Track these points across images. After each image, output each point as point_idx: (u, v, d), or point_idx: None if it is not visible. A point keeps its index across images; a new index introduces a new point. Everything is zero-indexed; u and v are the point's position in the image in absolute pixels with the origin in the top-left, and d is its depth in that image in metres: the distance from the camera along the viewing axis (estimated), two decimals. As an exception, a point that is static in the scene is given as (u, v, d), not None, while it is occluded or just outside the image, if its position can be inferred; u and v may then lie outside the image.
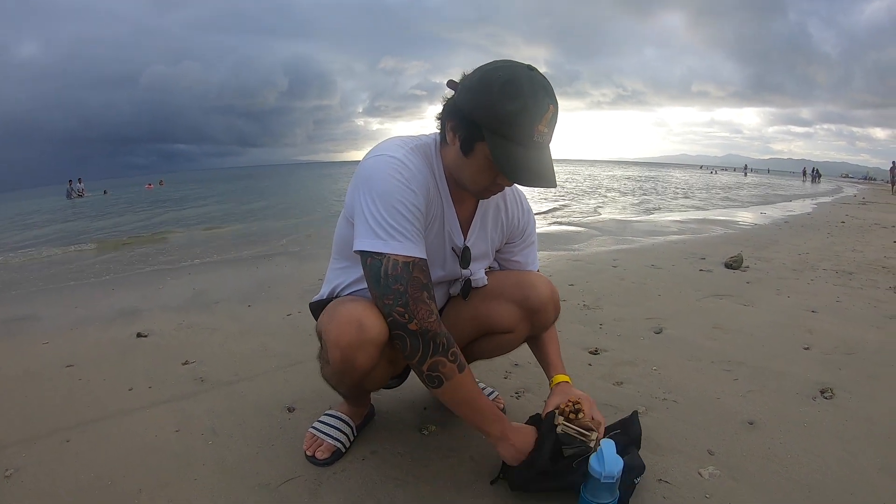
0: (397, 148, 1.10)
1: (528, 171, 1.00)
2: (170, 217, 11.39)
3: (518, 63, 1.00)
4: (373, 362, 1.14)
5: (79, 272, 4.80)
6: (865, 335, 2.40)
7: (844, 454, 1.43)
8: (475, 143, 1.03)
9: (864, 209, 10.35)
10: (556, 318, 1.41)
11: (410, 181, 1.06)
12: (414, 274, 1.04)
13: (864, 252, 4.70)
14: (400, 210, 1.04)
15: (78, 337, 2.46)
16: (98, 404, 1.72)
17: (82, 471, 1.34)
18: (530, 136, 0.98)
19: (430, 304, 1.06)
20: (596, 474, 1.04)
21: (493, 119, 0.98)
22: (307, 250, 5.54)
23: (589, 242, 5.54)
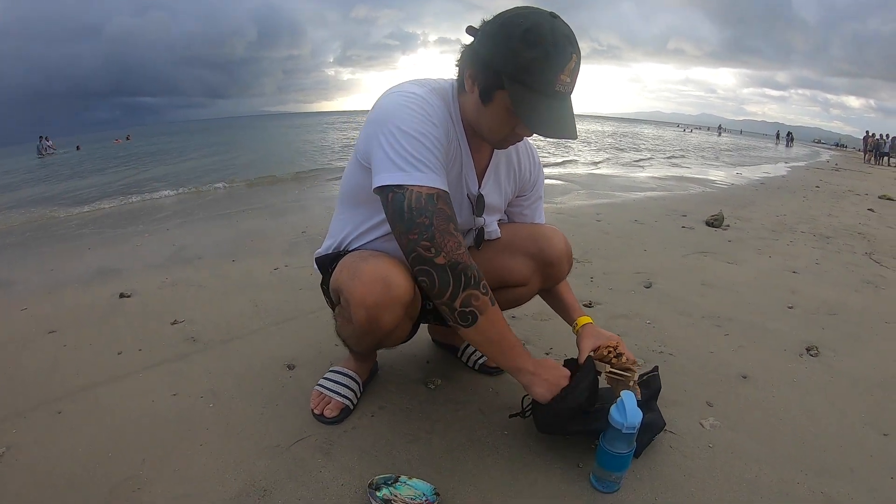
0: (416, 86, 1.06)
1: (550, 122, 0.97)
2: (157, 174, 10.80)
3: (541, 10, 0.96)
4: (398, 322, 1.12)
5: (49, 233, 4.57)
6: (846, 298, 2.47)
7: (832, 409, 1.49)
8: (495, 91, 0.99)
9: (837, 175, 10.48)
10: (569, 272, 1.40)
11: (432, 115, 1.02)
12: (439, 206, 0.99)
13: (839, 217, 4.78)
14: (421, 141, 0.99)
15: (57, 300, 2.35)
16: (87, 371, 1.64)
17: (79, 444, 1.27)
18: (552, 85, 0.95)
19: (458, 236, 1.01)
20: (617, 425, 1.04)
21: (515, 67, 0.94)
22: (286, 203, 5.40)
23: (570, 196, 5.52)
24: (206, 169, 9.87)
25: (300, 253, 3.03)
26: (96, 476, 1.16)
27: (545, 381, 1.13)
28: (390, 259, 1.11)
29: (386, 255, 1.13)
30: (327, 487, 1.12)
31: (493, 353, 1.11)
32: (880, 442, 1.35)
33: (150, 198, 6.53)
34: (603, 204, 4.98)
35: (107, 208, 5.86)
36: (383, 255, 1.13)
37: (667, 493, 1.14)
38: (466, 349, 1.64)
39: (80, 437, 1.30)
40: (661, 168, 10.27)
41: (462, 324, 1.03)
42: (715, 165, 11.74)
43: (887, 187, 8.16)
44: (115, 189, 7.87)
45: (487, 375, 1.59)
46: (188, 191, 6.88)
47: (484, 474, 1.18)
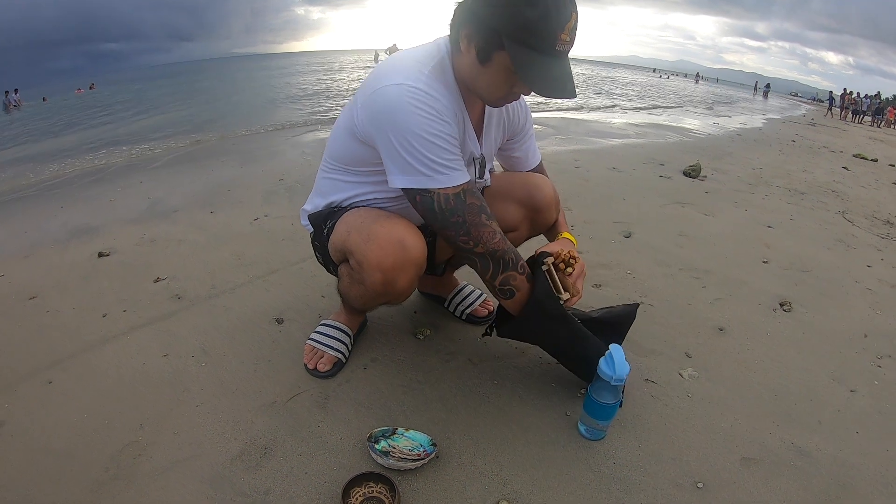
0: (417, 75, 1.01)
1: (551, 81, 0.96)
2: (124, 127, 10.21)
3: None
4: (412, 283, 1.15)
5: (20, 193, 4.32)
6: (818, 255, 2.55)
7: (803, 363, 1.58)
8: (493, 52, 0.98)
9: (812, 130, 10.53)
10: (556, 219, 1.45)
11: (442, 112, 1.01)
12: (468, 201, 1.04)
13: (814, 174, 4.85)
14: (437, 143, 1.00)
15: (34, 264, 2.26)
16: (73, 336, 1.59)
17: (74, 413, 1.25)
18: (553, 44, 0.94)
19: (491, 225, 1.07)
20: (606, 377, 1.09)
21: (515, 26, 0.92)
22: (259, 150, 5.23)
23: (548, 140, 5.47)
24: (173, 122, 9.43)
25: (279, 202, 2.96)
26: (95, 445, 1.15)
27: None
28: (402, 220, 1.13)
29: (396, 216, 1.14)
30: (326, 442, 1.15)
31: (521, 314, 1.18)
32: (847, 397, 1.43)
33: (118, 151, 6.27)
34: (581, 150, 4.96)
35: (76, 165, 5.59)
36: (393, 217, 1.14)
37: (649, 441, 1.20)
38: (453, 299, 1.66)
39: (74, 406, 1.27)
40: (637, 115, 10.22)
41: (501, 296, 1.15)
42: (693, 113, 11.71)
43: (861, 146, 8.30)
44: (82, 144, 7.50)
45: (475, 325, 1.63)
46: (158, 144, 6.60)
47: (477, 423, 1.23)
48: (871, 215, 3.52)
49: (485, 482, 1.07)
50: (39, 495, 1.02)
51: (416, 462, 1.07)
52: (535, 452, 1.15)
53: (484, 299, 1.67)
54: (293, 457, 1.11)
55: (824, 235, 2.89)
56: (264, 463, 1.10)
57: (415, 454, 1.09)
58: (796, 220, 3.13)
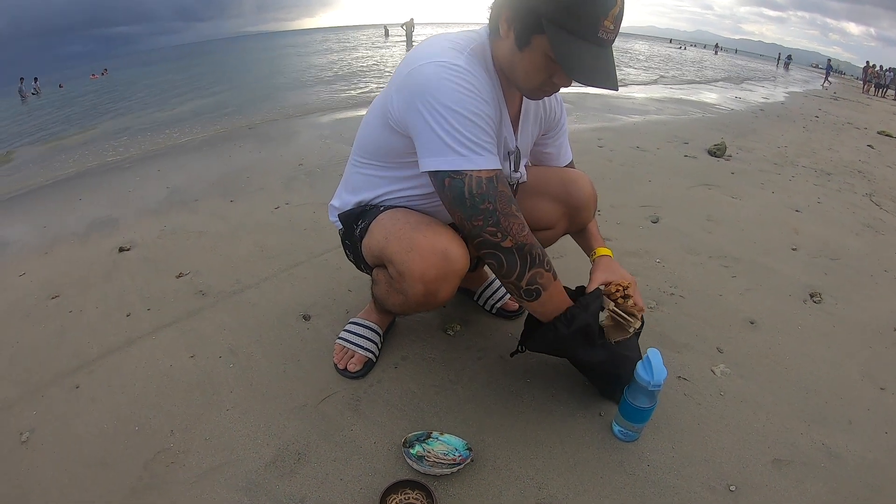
0: (456, 54, 0.97)
1: (592, 69, 0.90)
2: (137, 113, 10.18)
3: None
4: (453, 293, 1.12)
5: (37, 185, 4.30)
6: (847, 241, 2.49)
7: (834, 358, 1.55)
8: (532, 35, 0.93)
9: (835, 105, 10.24)
10: (595, 214, 1.41)
11: (481, 90, 0.96)
12: (500, 188, 0.97)
13: (839, 152, 4.73)
14: (475, 121, 0.95)
15: (55, 261, 2.24)
16: (98, 338, 1.58)
17: (104, 419, 1.24)
18: (595, 30, 0.88)
19: (520, 216, 1.00)
20: (644, 382, 1.07)
21: (556, 9, 0.87)
22: (276, 132, 5.17)
23: (569, 118, 5.37)
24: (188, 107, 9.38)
25: (300, 189, 2.93)
26: (127, 452, 1.15)
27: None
28: (444, 229, 1.09)
29: (437, 224, 1.10)
30: (360, 446, 1.15)
31: (546, 317, 1.12)
32: (877, 395, 1.41)
33: (134, 138, 6.27)
34: (603, 128, 4.86)
35: (94, 153, 5.59)
36: (434, 224, 1.10)
37: (683, 442, 1.19)
38: (483, 292, 1.64)
39: (103, 412, 1.27)
40: (657, 89, 9.98)
41: (527, 299, 1.07)
42: (715, 87, 11.39)
43: (886, 122, 8.07)
44: (100, 132, 7.51)
45: (505, 319, 1.61)
46: (173, 130, 6.59)
47: (511, 424, 1.22)
48: (899, 197, 3.42)
49: (521, 486, 1.07)
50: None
51: (453, 468, 1.06)
52: (569, 455, 1.14)
53: (509, 297, 1.64)
54: (328, 462, 1.11)
55: (852, 220, 2.82)
56: (299, 469, 1.10)
57: (450, 459, 1.08)
58: (824, 203, 3.06)
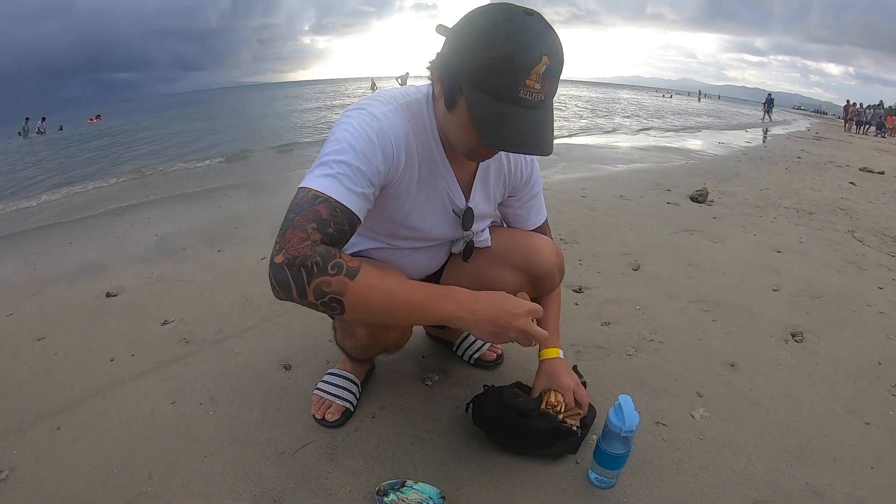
0: (377, 103, 0.99)
1: (511, 134, 0.85)
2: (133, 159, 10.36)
3: (515, 7, 0.85)
4: (401, 334, 1.14)
5: (29, 225, 4.40)
6: (829, 279, 2.53)
7: (816, 396, 1.56)
8: (456, 97, 0.90)
9: (817, 145, 10.54)
10: (561, 281, 1.38)
11: (374, 133, 0.94)
12: (317, 206, 0.88)
13: (821, 191, 4.85)
14: (345, 149, 0.92)
15: (43, 303, 2.28)
16: (82, 381, 1.60)
17: (83, 461, 1.26)
18: (515, 91, 0.83)
19: (312, 234, 0.86)
20: (616, 429, 1.07)
21: (473, 69, 0.84)
22: (265, 179, 5.28)
23: (553, 169, 5.46)
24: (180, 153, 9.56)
25: (286, 239, 2.98)
26: (105, 494, 1.15)
27: (484, 319, 0.95)
28: (389, 271, 1.09)
29: (385, 267, 1.12)
30: (335, 494, 1.15)
31: (399, 319, 0.95)
32: (862, 430, 1.41)
33: (125, 183, 6.36)
34: (586, 178, 4.95)
35: (85, 196, 5.68)
36: (382, 267, 1.10)
37: (661, 487, 1.19)
38: (462, 344, 1.66)
39: (83, 454, 1.28)
40: (641, 137, 10.22)
41: (334, 314, 0.93)
42: (697, 134, 11.73)
43: (867, 158, 8.29)
44: (93, 174, 7.63)
45: (483, 369, 1.62)
46: (165, 177, 6.68)
47: (486, 473, 1.21)
48: (881, 232, 3.51)
49: (496, 535, 1.06)
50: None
51: (426, 517, 1.05)
52: (545, 502, 1.14)
53: (492, 344, 1.66)
54: (303, 510, 1.11)
55: (834, 257, 2.87)
56: (274, 517, 1.09)
57: (424, 508, 1.07)
58: (805, 243, 3.11)
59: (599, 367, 1.65)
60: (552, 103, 0.90)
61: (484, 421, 1.26)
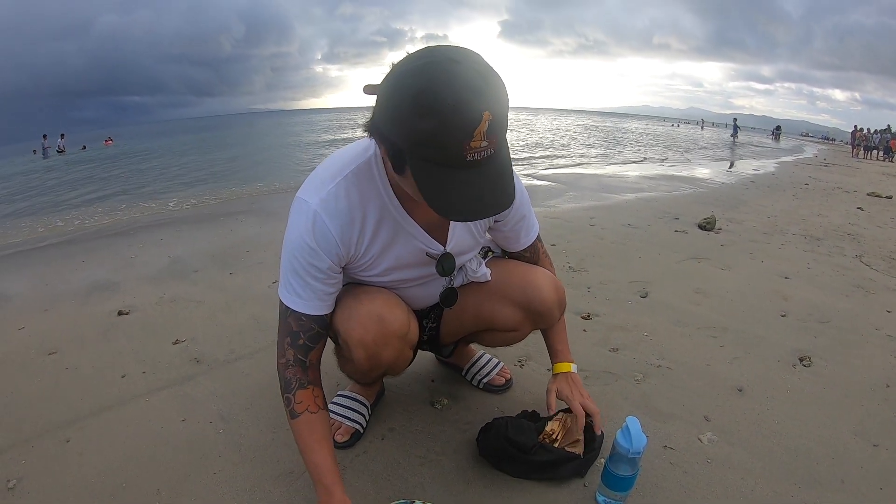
0: (320, 187, 1.01)
1: (457, 201, 0.80)
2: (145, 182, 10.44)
3: (438, 58, 0.76)
4: (397, 354, 1.16)
5: (45, 244, 4.46)
6: (836, 303, 2.53)
7: (824, 419, 1.55)
8: (403, 164, 0.83)
9: (825, 171, 10.55)
10: (562, 315, 1.38)
11: (314, 238, 1.00)
12: (287, 319, 1.07)
13: (829, 217, 4.85)
14: (294, 266, 1.03)
15: (55, 318, 2.32)
16: (92, 395, 1.63)
17: (91, 473, 1.28)
18: (461, 156, 0.76)
19: (287, 351, 1.08)
20: (623, 450, 1.08)
21: (414, 141, 0.77)
22: (278, 206, 5.34)
23: (562, 198, 5.49)
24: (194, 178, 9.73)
25: (296, 262, 3.02)
26: None
27: None
28: (383, 295, 1.14)
29: (378, 292, 1.15)
30: (344, 515, 1.15)
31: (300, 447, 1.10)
32: (870, 452, 1.40)
33: (139, 206, 6.48)
34: (595, 207, 4.98)
35: (100, 217, 5.80)
36: (376, 292, 1.15)
37: (669, 510, 1.18)
38: (471, 369, 1.67)
39: (91, 467, 1.30)
40: (650, 166, 10.28)
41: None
42: (706, 163, 11.79)
43: (875, 183, 8.28)
44: (108, 196, 7.79)
45: (492, 394, 1.63)
46: (178, 201, 6.80)
47: (494, 495, 1.21)
48: (889, 256, 3.50)
49: (503, 558, 1.06)
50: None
51: (434, 538, 1.06)
52: (553, 526, 1.14)
53: (501, 368, 1.68)
54: (311, 530, 1.11)
55: (842, 282, 2.87)
56: (281, 537, 1.10)
57: (432, 529, 1.08)
58: (813, 269, 3.10)
59: (607, 392, 1.65)
60: (505, 146, 0.84)
61: (488, 452, 1.28)
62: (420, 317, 1.33)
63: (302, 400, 1.07)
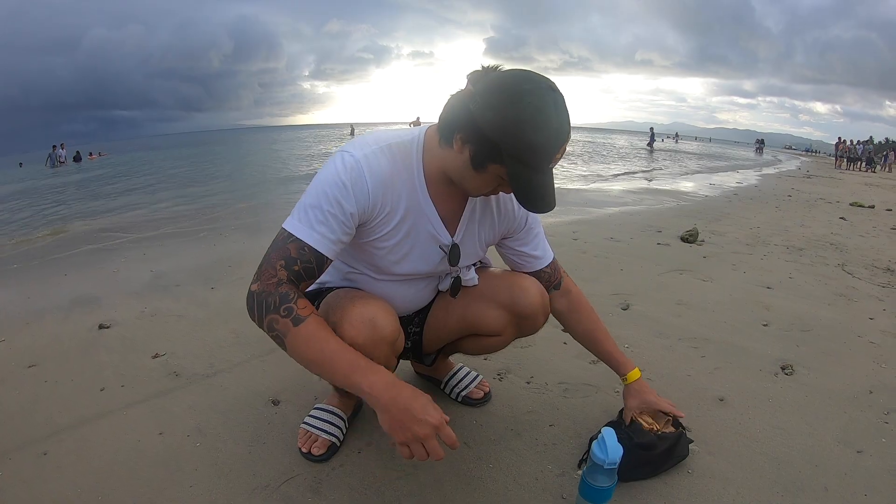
0: (363, 146, 1.07)
1: (543, 198, 1.00)
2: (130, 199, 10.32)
3: (542, 82, 0.95)
4: (385, 360, 1.15)
5: (26, 256, 4.43)
6: (819, 312, 2.55)
7: (807, 428, 1.55)
8: (489, 162, 0.98)
9: (808, 183, 10.72)
10: (545, 323, 1.39)
11: (349, 178, 1.03)
12: (287, 245, 1.03)
13: (811, 227, 4.92)
14: (319, 197, 1.03)
15: (36, 332, 2.30)
16: (71, 409, 1.62)
17: (67, 486, 1.26)
18: (547, 164, 0.97)
19: (279, 272, 1.02)
20: (599, 461, 1.08)
21: (517, 146, 0.94)
22: (263, 222, 5.34)
23: (546, 213, 5.54)
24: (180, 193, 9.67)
25: (279, 279, 3.01)
26: None
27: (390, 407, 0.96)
28: (375, 300, 1.15)
29: (371, 297, 1.17)
30: (318, 529, 1.14)
31: (324, 374, 1.05)
32: (854, 459, 1.41)
33: (124, 219, 6.42)
34: (578, 221, 5.00)
35: (82, 230, 5.73)
36: (368, 297, 1.16)
37: (648, 522, 1.18)
38: (449, 381, 1.66)
39: (68, 480, 1.28)
40: (634, 181, 10.35)
41: (279, 345, 1.03)
42: (689, 176, 11.93)
43: (858, 194, 8.41)
44: (92, 210, 7.71)
45: (470, 407, 1.62)
46: (164, 215, 6.74)
47: (471, 509, 1.20)
48: (871, 264, 3.55)
49: (479, 572, 1.05)
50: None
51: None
52: (531, 539, 1.13)
53: (480, 381, 1.67)
54: (284, 544, 1.10)
55: (824, 291, 2.90)
56: (256, 552, 1.08)
57: (408, 543, 1.06)
58: (795, 278, 3.14)
59: (587, 404, 1.65)
60: None
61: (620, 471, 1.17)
62: (404, 323, 1.33)
63: (305, 305, 1.01)
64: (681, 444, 1.35)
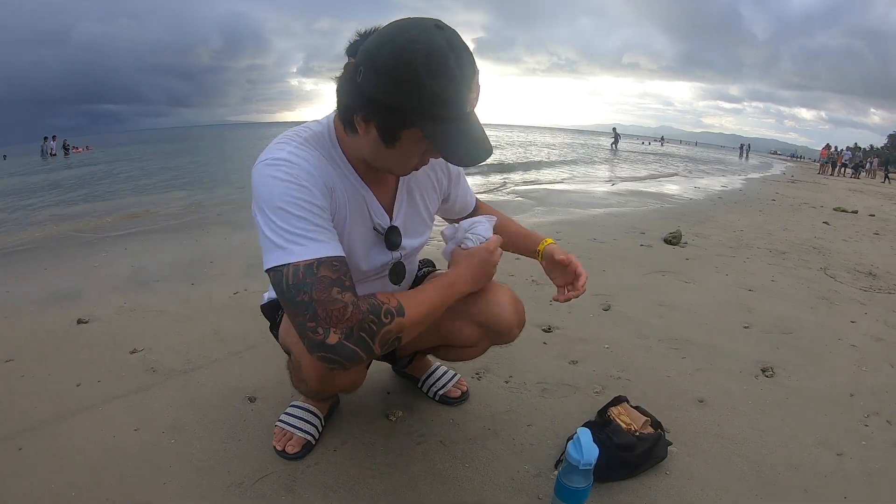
0: (281, 147, 0.97)
1: (469, 148, 0.89)
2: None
3: (425, 23, 0.85)
4: (352, 379, 1.14)
5: (1, 247, 4.36)
6: (800, 315, 2.58)
7: (787, 430, 1.57)
8: (401, 130, 0.89)
9: (793, 187, 10.82)
10: (521, 331, 1.36)
11: (299, 177, 0.93)
12: (319, 274, 0.89)
13: (795, 231, 4.97)
14: (293, 211, 0.91)
15: (14, 326, 2.27)
16: (47, 404, 1.59)
17: (41, 483, 1.24)
18: (463, 108, 0.87)
19: (344, 297, 0.90)
20: (574, 461, 1.07)
21: (423, 102, 0.84)
22: (242, 218, 5.27)
23: (528, 213, 5.50)
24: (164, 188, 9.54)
25: (259, 275, 2.93)
26: None
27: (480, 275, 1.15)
28: None
29: (394, 291, 1.15)
30: (290, 527, 1.13)
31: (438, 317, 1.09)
32: (833, 461, 1.42)
33: (105, 214, 6.31)
34: (562, 221, 5.00)
35: (64, 225, 5.64)
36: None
37: (625, 523, 1.18)
38: (427, 380, 1.65)
39: (43, 476, 1.27)
40: (619, 183, 10.39)
41: (393, 350, 1.01)
42: (676, 179, 11.99)
43: (842, 199, 8.53)
44: (75, 204, 7.59)
45: (448, 406, 1.61)
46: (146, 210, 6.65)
47: (446, 509, 1.19)
48: (853, 268, 3.59)
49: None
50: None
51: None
52: (505, 539, 1.12)
53: (458, 380, 1.66)
54: (257, 542, 1.08)
55: (806, 294, 2.93)
56: (229, 549, 1.07)
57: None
58: (778, 282, 3.17)
59: (566, 405, 1.65)
60: None
61: (597, 472, 1.16)
62: None
63: (386, 297, 0.97)
64: (659, 446, 1.36)
